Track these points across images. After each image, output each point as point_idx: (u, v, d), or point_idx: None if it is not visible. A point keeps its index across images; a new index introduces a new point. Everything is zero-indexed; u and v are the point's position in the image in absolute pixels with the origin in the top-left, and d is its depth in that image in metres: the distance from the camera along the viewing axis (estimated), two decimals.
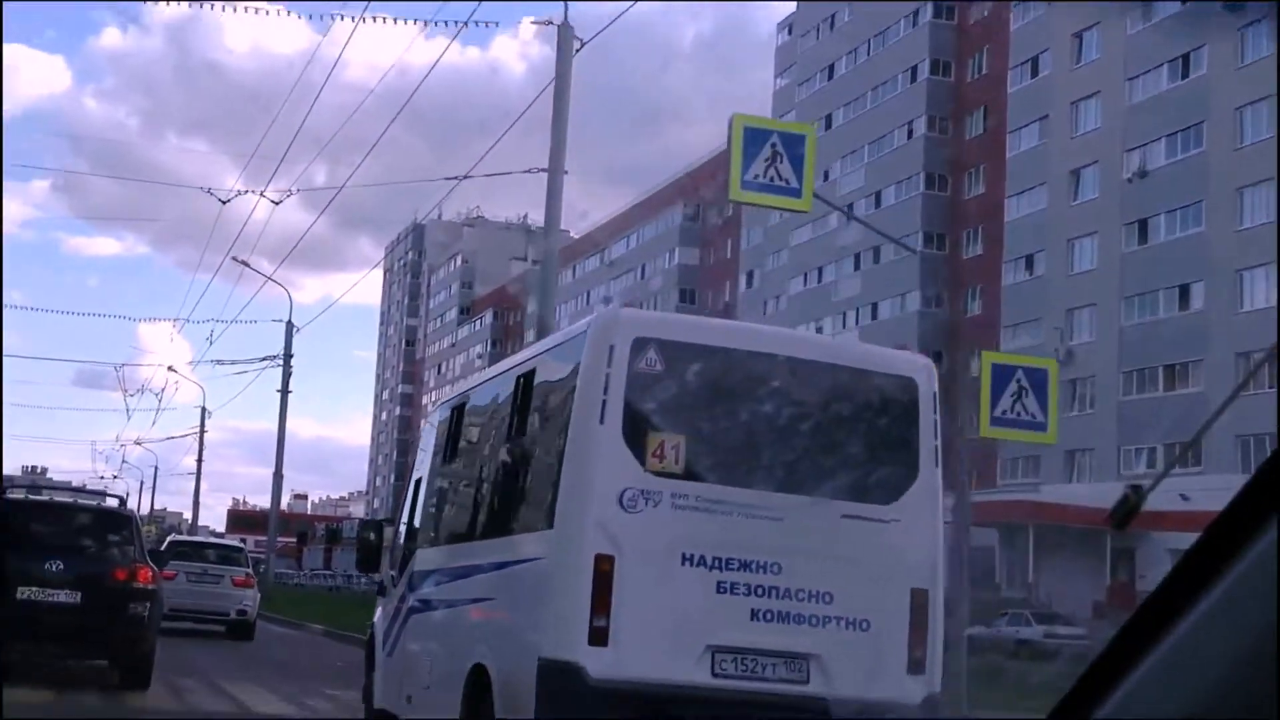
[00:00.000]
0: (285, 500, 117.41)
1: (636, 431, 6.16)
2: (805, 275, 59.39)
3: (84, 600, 11.38)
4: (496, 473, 7.68)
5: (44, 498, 14.15)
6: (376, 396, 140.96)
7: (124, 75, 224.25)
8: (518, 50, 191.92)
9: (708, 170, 72.29)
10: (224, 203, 22.87)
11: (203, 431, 55.17)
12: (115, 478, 68.50)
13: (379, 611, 9.84)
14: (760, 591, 6.12)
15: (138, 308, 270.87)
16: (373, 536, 10.23)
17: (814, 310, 58.17)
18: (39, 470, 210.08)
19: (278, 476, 35.55)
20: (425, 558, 8.73)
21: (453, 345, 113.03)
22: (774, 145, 11.44)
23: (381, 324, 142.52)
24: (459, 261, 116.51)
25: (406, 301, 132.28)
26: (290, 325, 35.16)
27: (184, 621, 20.37)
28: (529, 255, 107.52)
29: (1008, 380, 10.69)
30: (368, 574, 13.13)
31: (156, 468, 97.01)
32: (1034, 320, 46.19)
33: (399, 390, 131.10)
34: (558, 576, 6.20)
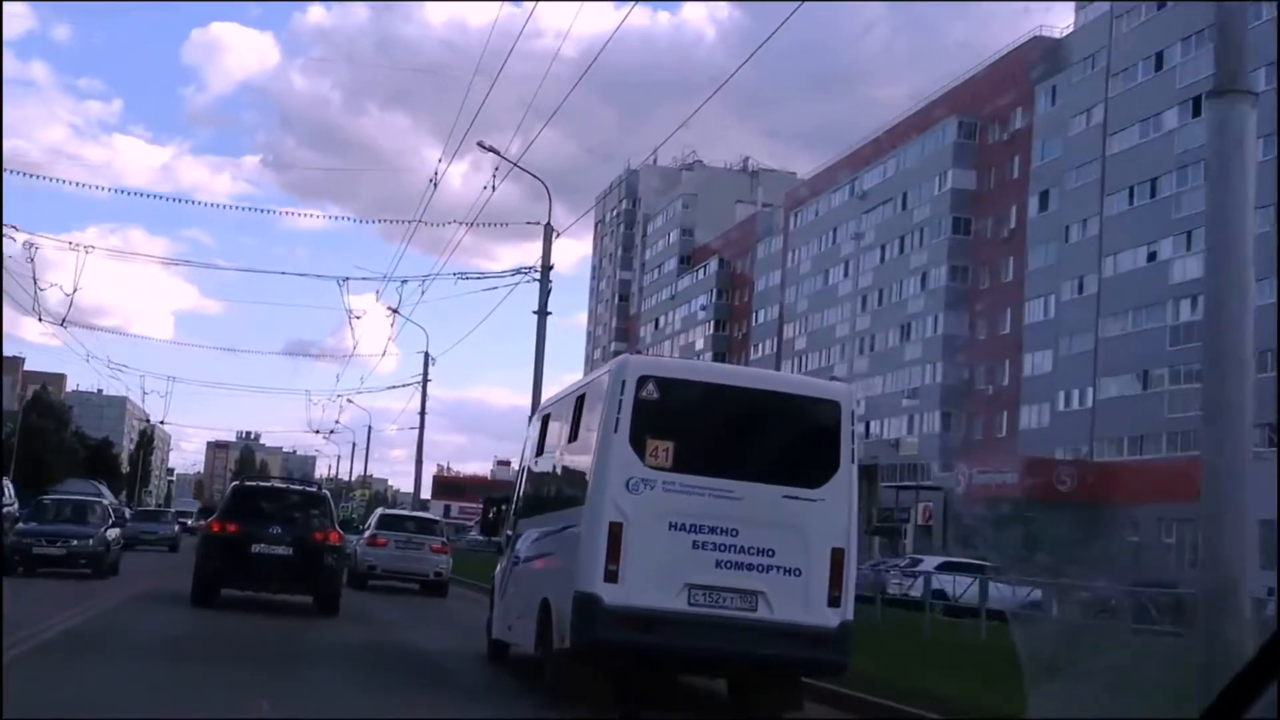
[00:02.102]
0: (489, 467, 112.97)
1: (639, 438, 9.13)
2: (1131, 190, 48.86)
3: (294, 553, 16.64)
4: (561, 465, 11.06)
5: (268, 484, 20.31)
6: (587, 356, 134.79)
7: (328, 48, 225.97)
8: (706, 13, 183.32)
9: (987, 79, 62.22)
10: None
11: (426, 380, 48.64)
12: (332, 432, 63.14)
13: (499, 566, 13.21)
14: (723, 548, 9.04)
15: (344, 276, 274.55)
16: (492, 512, 14.82)
17: (1143, 231, 47.66)
18: (253, 436, 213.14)
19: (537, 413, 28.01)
20: (522, 526, 12.11)
21: (672, 297, 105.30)
22: None
23: (592, 278, 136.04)
24: (678, 208, 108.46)
25: (620, 253, 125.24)
26: (549, 228, 27.48)
27: (393, 581, 24.53)
28: (758, 198, 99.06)
29: None
30: (489, 538, 17.80)
31: (370, 428, 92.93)
32: None
33: (612, 348, 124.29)
34: (586, 536, 9.17)
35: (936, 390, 61.49)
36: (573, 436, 10.51)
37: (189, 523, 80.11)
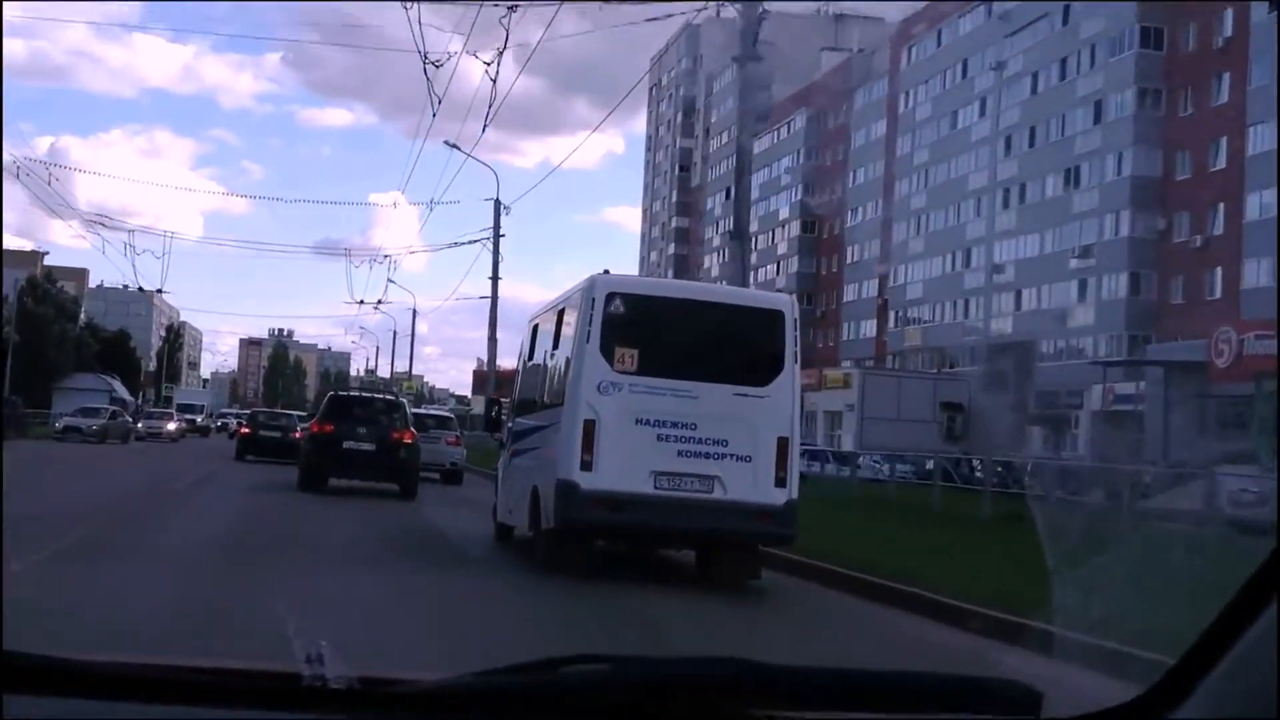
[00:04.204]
0: None
1: (609, 347, 10.39)
2: None
3: (377, 449, 20.40)
4: (546, 369, 12.34)
5: (356, 394, 25.46)
6: (643, 235, 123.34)
7: None
8: None
9: None
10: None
11: (498, 234, 37.58)
12: (379, 303, 53.23)
13: (501, 458, 14.64)
14: (683, 439, 10.33)
15: (369, 175, 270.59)
16: (494, 410, 16.49)
17: None
18: (286, 333, 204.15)
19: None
20: (518, 423, 13.44)
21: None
22: None
23: (648, 150, 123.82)
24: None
25: (679, 119, 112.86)
26: None
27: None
28: (855, 42, 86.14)
29: None
30: (492, 434, 18.94)
31: (415, 311, 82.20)
32: None
33: (673, 225, 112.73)
34: (565, 432, 10.47)
35: (1122, 246, 49.67)
36: (555, 345, 11.90)
37: (198, 419, 70.05)
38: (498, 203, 37.04)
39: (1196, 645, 1.48)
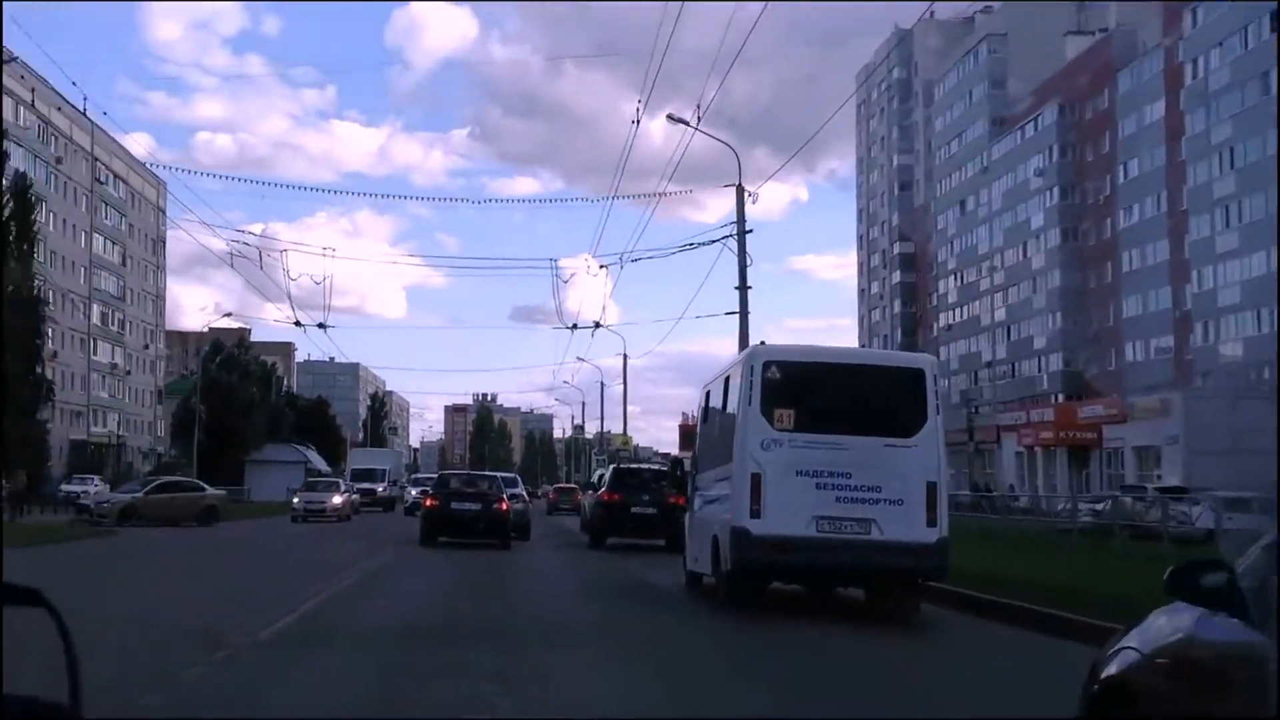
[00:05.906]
0: None
1: (768, 408, 12.13)
2: None
3: (657, 512, 23.91)
4: (717, 431, 13.88)
5: (637, 466, 30.64)
6: (861, 266, 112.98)
7: (525, 16, 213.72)
8: None
9: None
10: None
11: (744, 230, 28.75)
12: (597, 326, 44.79)
13: (687, 513, 16.15)
14: (840, 487, 11.87)
15: (558, 239, 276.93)
16: (677, 470, 18.59)
17: None
18: (490, 398, 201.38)
19: None
20: (698, 479, 15.16)
21: (984, 169, 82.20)
22: None
23: (859, 173, 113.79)
24: (982, 56, 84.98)
25: (894, 136, 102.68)
26: None
27: None
28: (1111, 21, 74.83)
29: None
30: (677, 492, 20.17)
31: (625, 355, 74.20)
32: None
33: (895, 252, 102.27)
34: (736, 485, 12.16)
35: None
36: (724, 408, 13.47)
37: (379, 489, 55.66)
38: (740, 189, 28.25)
39: None
